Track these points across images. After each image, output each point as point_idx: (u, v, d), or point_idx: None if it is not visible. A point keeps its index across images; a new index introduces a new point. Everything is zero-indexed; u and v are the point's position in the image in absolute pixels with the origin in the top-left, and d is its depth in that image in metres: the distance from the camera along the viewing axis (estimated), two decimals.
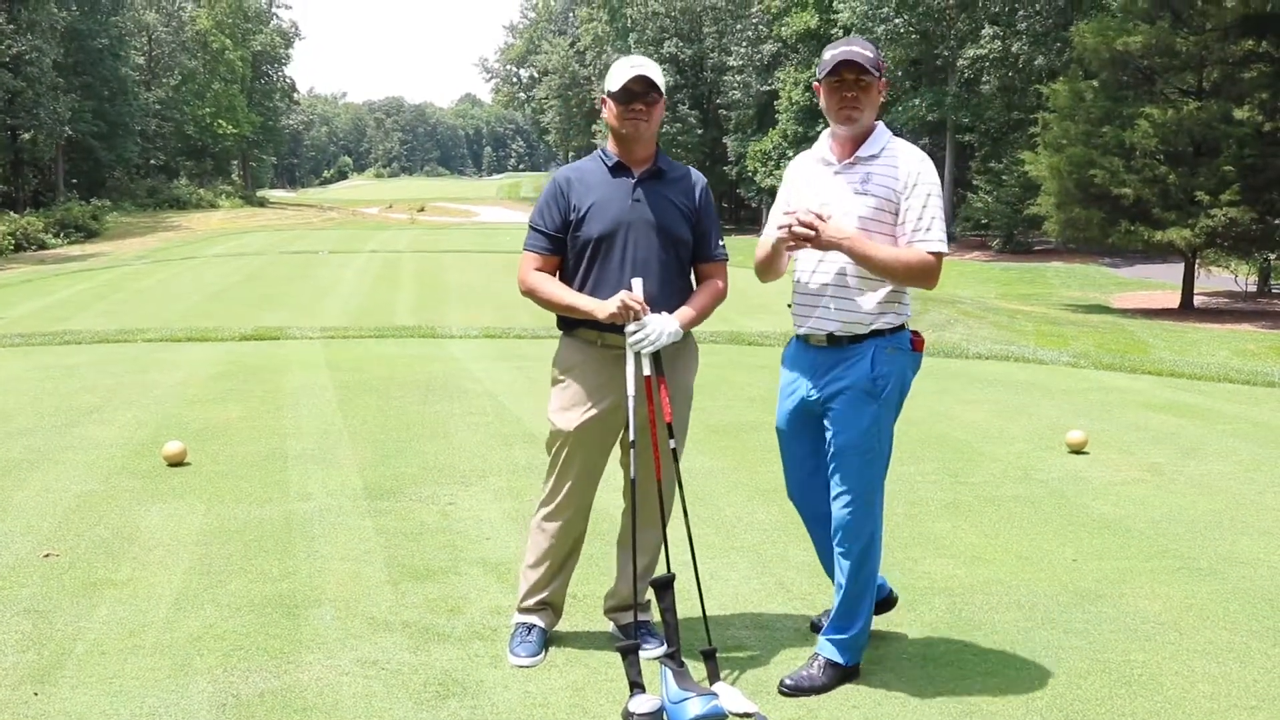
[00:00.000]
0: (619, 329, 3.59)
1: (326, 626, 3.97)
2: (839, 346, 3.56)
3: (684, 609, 3.65)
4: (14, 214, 45.07)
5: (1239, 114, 23.80)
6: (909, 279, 3.50)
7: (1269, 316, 25.31)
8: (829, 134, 3.67)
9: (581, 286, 3.68)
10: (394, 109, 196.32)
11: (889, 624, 4.03)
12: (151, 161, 69.34)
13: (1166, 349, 16.77)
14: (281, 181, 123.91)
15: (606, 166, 3.72)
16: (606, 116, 3.71)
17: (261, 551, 4.76)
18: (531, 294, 3.76)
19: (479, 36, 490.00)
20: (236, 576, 4.46)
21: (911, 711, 3.41)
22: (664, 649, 3.63)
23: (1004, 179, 40.45)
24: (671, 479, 3.71)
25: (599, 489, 3.87)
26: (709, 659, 3.52)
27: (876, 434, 3.55)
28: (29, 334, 12.55)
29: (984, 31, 43.13)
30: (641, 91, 3.60)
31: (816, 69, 3.60)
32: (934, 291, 21.60)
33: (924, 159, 3.58)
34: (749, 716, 3.32)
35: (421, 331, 12.63)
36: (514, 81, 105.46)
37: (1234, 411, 8.25)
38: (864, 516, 3.57)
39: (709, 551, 4.72)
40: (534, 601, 3.84)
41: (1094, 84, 27.17)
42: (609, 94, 3.64)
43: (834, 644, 3.60)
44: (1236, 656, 3.78)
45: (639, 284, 3.59)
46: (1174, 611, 4.18)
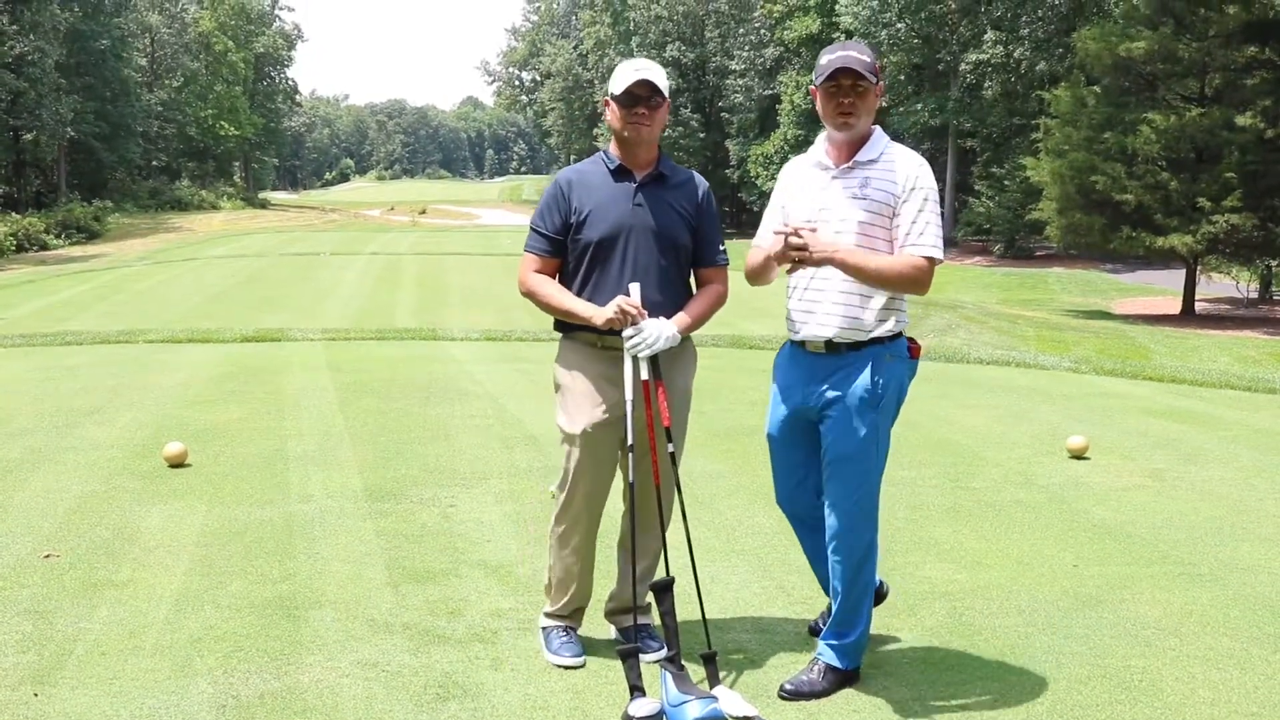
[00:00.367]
0: (618, 332, 3.58)
1: (327, 628, 3.97)
2: (838, 354, 3.53)
3: (684, 612, 3.64)
4: (16, 215, 45.15)
5: (1241, 120, 23.83)
6: (901, 286, 3.48)
7: (1270, 323, 25.30)
8: (825, 138, 3.66)
9: (581, 290, 3.67)
10: (396, 111, 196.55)
11: (889, 628, 4.03)
12: (153, 163, 69.41)
13: (1168, 355, 16.76)
14: (283, 183, 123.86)
15: (609, 169, 3.71)
16: (609, 119, 3.69)
17: (262, 553, 4.76)
18: (531, 296, 3.75)
19: (481, 39, 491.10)
20: (237, 578, 4.46)
21: (911, 716, 3.41)
22: (664, 652, 3.63)
23: (1006, 184, 40.45)
24: (670, 483, 3.70)
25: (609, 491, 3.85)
26: (709, 662, 3.52)
27: (875, 442, 3.53)
28: (30, 334, 12.56)
29: (986, 37, 43.19)
30: (645, 95, 3.59)
31: (814, 73, 3.59)
32: (935, 297, 21.65)
33: (922, 164, 3.56)
34: None
35: (422, 334, 12.64)
36: (516, 84, 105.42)
37: (1235, 417, 8.25)
38: (862, 524, 3.56)
39: (709, 555, 4.72)
40: (571, 610, 3.85)
41: (1096, 90, 27.21)
42: (612, 97, 3.63)
43: (834, 648, 3.60)
44: (1237, 663, 3.78)
45: (636, 289, 3.58)
46: (1174, 617, 4.18)
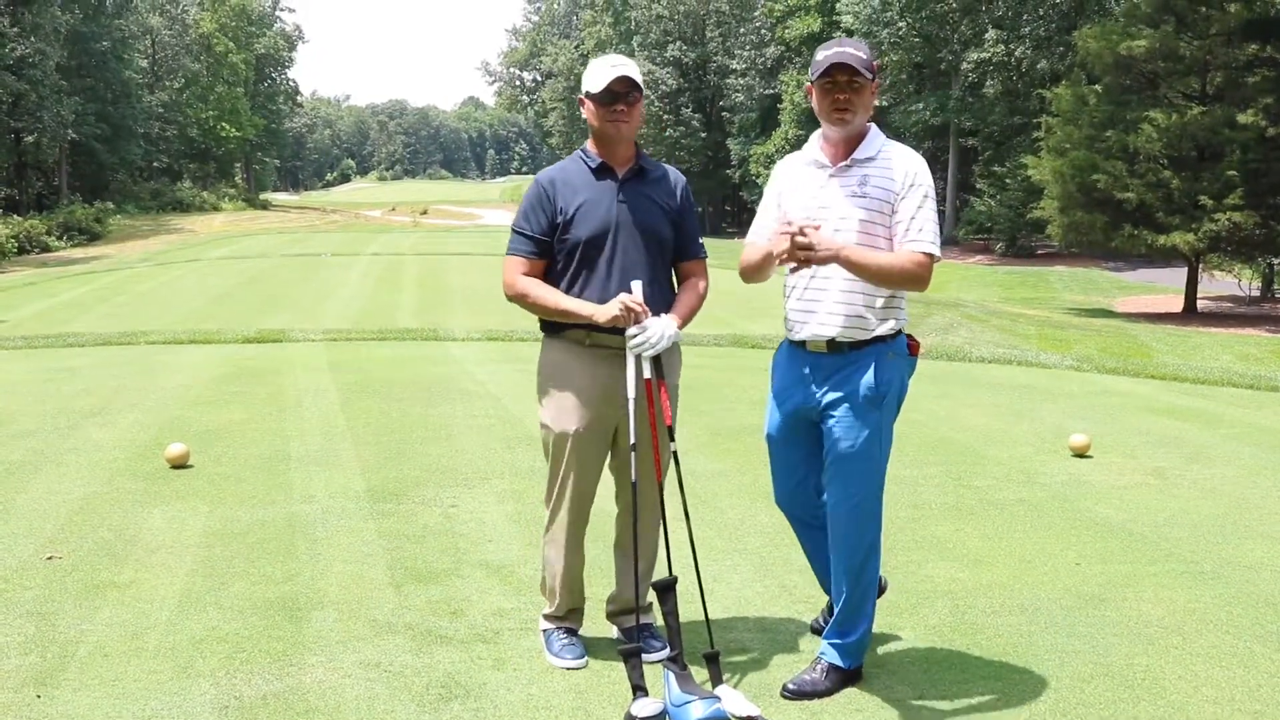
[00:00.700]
0: (608, 329, 3.58)
1: (329, 629, 3.97)
2: (840, 353, 3.52)
3: (686, 612, 3.64)
4: (17, 216, 45.15)
5: (1243, 118, 23.79)
6: (903, 282, 3.47)
7: (1272, 321, 25.27)
8: (819, 136, 3.64)
9: (570, 289, 3.66)
10: (397, 112, 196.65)
11: (891, 627, 4.03)
12: (154, 164, 69.42)
13: (1170, 353, 16.74)
14: (284, 184, 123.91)
15: (590, 168, 3.70)
16: (587, 117, 3.69)
17: (264, 554, 4.76)
18: (521, 299, 3.71)
19: (482, 40, 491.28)
20: (239, 579, 4.46)
21: (914, 715, 3.40)
22: (666, 652, 3.63)
23: (1007, 183, 40.45)
24: (659, 482, 3.70)
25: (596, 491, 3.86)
26: (712, 662, 3.51)
27: (878, 441, 3.53)
28: (32, 336, 12.56)
29: (987, 35, 43.21)
30: (624, 91, 3.60)
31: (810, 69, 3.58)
32: (937, 295, 21.60)
33: (920, 161, 3.56)
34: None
35: (424, 334, 12.63)
36: (517, 85, 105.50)
37: (1237, 416, 8.25)
38: (865, 523, 3.56)
39: (712, 554, 4.72)
40: (566, 611, 3.85)
41: (1097, 88, 27.19)
42: (590, 95, 3.63)
43: (836, 647, 3.60)
44: (1240, 661, 3.78)
45: (638, 286, 3.58)
46: (1177, 616, 4.18)
